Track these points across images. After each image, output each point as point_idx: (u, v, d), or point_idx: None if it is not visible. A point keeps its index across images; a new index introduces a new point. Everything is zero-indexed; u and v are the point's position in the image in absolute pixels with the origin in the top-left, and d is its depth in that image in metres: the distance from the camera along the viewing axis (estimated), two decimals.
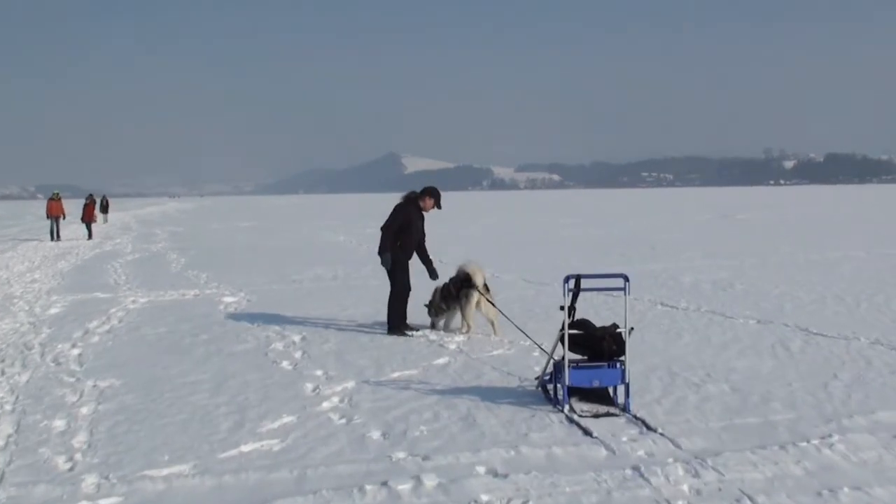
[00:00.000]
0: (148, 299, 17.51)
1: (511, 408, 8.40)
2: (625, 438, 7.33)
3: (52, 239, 39.99)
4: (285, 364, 10.70)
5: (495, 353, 11.20)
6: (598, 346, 8.55)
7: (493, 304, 12.54)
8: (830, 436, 7.29)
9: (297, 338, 12.52)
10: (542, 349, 10.41)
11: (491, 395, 8.93)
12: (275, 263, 25.69)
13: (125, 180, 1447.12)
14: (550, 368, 8.94)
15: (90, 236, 41.98)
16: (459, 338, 12.27)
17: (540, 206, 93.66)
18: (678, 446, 7.12)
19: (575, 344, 8.55)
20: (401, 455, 7.01)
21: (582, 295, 8.77)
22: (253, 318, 14.60)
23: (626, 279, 8.56)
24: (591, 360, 8.55)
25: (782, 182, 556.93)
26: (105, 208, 61.75)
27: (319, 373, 10.15)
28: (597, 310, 13.97)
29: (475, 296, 12.50)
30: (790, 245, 28.98)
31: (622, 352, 8.51)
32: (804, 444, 7.09)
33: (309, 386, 9.46)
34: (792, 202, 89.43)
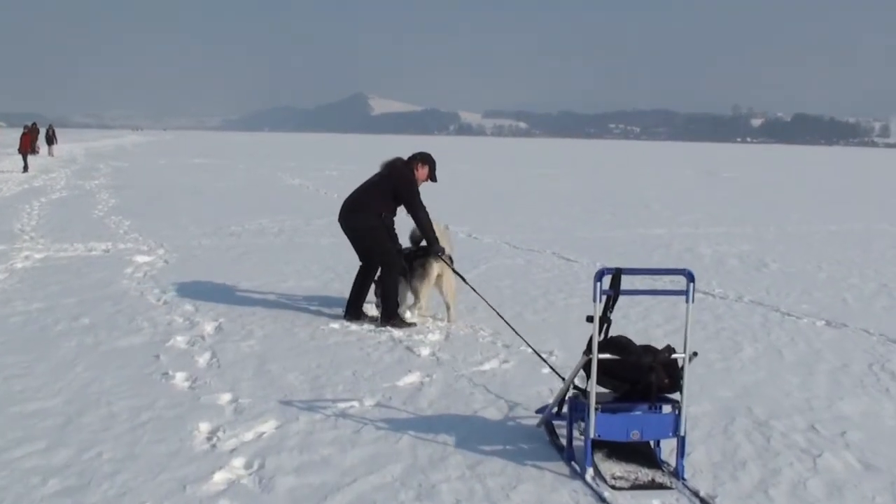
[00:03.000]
0: (45, 255, 13.96)
1: (527, 494, 5.07)
2: None
3: None
4: (180, 378, 7.26)
5: (486, 366, 7.82)
6: (643, 379, 5.29)
7: (463, 279, 9.26)
8: None
9: (210, 326, 9.10)
10: (553, 369, 7.07)
11: (489, 455, 5.59)
12: (215, 209, 22.17)
13: (90, 110, 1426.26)
14: (562, 399, 5.88)
15: (25, 169, 38.10)
16: (435, 336, 8.89)
17: (510, 154, 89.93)
18: None
19: (608, 374, 5.35)
20: None
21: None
22: (162, 289, 11.16)
23: (691, 278, 5.25)
24: (627, 398, 5.38)
25: (749, 140, 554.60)
26: (51, 139, 57.33)
27: (226, 398, 6.72)
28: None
29: (435, 267, 9.32)
30: (799, 212, 25.82)
31: (676, 387, 5.35)
32: None
33: (203, 429, 6.03)
34: (770, 161, 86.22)
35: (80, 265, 13.07)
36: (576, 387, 5.57)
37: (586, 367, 5.27)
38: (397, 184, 9.32)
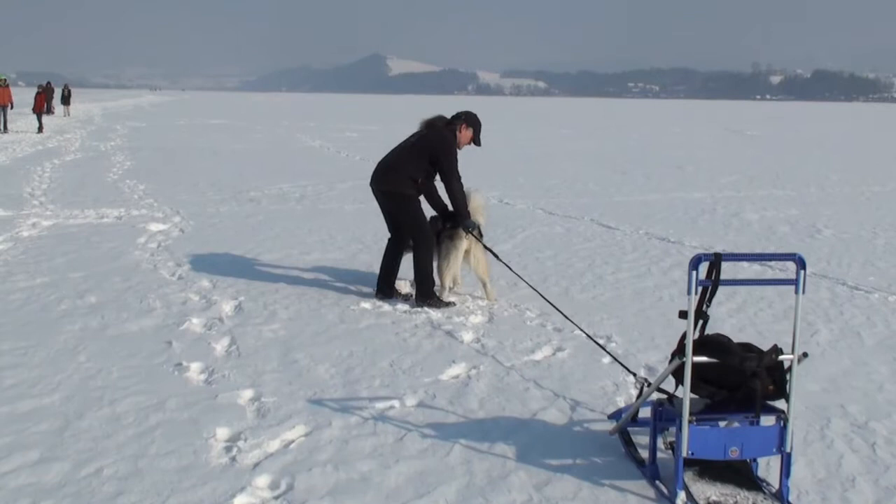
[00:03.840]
0: (54, 223, 13.18)
1: None
2: None
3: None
4: (194, 370, 6.44)
5: (538, 355, 6.98)
6: (745, 385, 4.42)
7: (496, 256, 8.48)
8: None
9: (228, 306, 8.29)
10: (619, 362, 6.24)
11: (557, 472, 4.76)
12: (234, 173, 21.31)
13: (108, 70, 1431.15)
14: (636, 405, 4.98)
15: (40, 129, 37.42)
16: (476, 318, 8.04)
17: (531, 113, 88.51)
18: None
19: (702, 379, 4.45)
20: None
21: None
22: (177, 262, 10.36)
23: (802, 263, 4.38)
24: (723, 407, 4.48)
25: (769, 97, 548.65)
26: (66, 99, 56.46)
27: (247, 396, 5.89)
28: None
29: (463, 240, 8.36)
30: (835, 171, 24.80)
31: (781, 394, 4.47)
32: None
33: (221, 436, 5.21)
34: (792, 119, 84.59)
35: (91, 233, 12.30)
36: (660, 390, 4.71)
37: (676, 372, 4.42)
38: (435, 145, 8.37)
